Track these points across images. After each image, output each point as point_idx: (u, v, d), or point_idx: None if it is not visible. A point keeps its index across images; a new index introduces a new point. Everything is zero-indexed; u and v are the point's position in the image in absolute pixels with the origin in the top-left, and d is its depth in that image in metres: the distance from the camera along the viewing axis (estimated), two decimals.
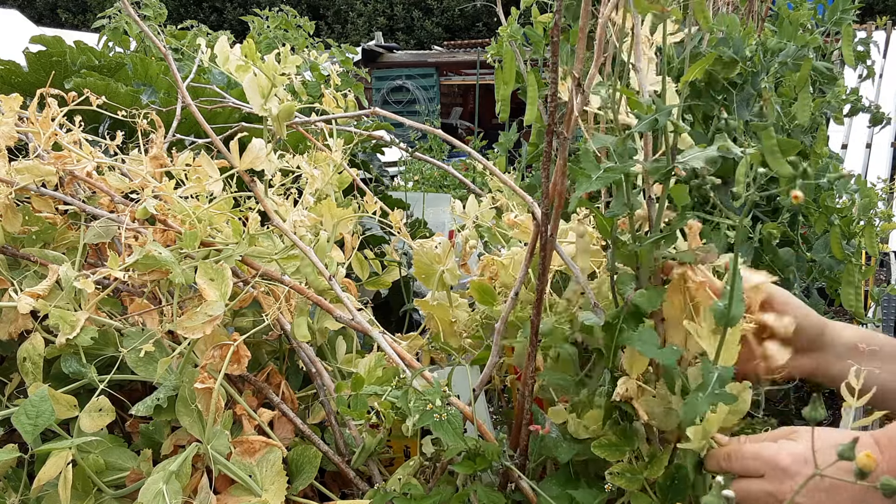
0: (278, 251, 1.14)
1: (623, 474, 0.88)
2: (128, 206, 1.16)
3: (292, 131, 1.63)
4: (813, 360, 0.96)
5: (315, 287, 1.11)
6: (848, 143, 6.14)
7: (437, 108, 13.03)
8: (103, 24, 3.25)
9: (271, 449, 1.03)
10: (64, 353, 1.07)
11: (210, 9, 20.36)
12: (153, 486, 0.93)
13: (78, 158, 1.19)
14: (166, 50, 1.21)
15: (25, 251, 1.17)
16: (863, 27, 4.64)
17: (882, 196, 3.11)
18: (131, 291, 1.15)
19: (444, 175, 5.08)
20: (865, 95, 2.03)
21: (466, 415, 0.99)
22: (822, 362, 0.96)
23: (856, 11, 1.97)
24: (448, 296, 1.24)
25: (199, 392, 0.99)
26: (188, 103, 1.18)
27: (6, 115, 1.17)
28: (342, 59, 3.79)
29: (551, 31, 0.84)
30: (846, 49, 1.99)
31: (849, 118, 1.83)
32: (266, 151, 1.02)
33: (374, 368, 1.06)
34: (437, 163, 1.41)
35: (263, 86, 0.98)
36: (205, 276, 0.98)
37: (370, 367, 1.06)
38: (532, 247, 0.98)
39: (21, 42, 2.22)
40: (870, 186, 1.82)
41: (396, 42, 17.38)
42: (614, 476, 0.88)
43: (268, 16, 3.79)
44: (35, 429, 0.94)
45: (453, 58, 13.88)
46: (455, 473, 1.00)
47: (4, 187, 1.14)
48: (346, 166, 1.41)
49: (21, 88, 1.84)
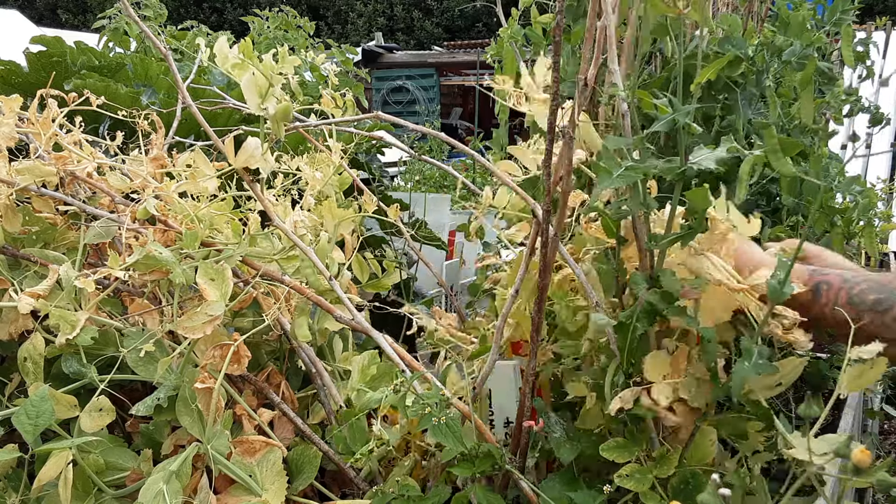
0: (278, 251, 1.14)
1: (632, 476, 0.88)
2: (128, 206, 1.16)
3: (292, 132, 1.63)
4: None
5: (315, 288, 1.11)
6: (848, 143, 6.14)
7: (437, 109, 13.03)
8: (103, 24, 3.25)
9: (271, 449, 1.03)
10: (64, 353, 1.07)
11: (210, 9, 20.36)
12: (153, 486, 0.93)
13: (78, 159, 1.19)
14: (166, 50, 1.21)
15: (26, 251, 1.17)
16: (862, 27, 4.64)
17: (882, 196, 3.11)
18: (132, 291, 1.15)
19: (444, 175, 5.08)
20: (865, 96, 2.03)
21: (465, 414, 0.99)
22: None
23: (855, 12, 1.97)
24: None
25: (200, 392, 0.99)
26: (188, 104, 1.18)
27: (6, 116, 1.17)
28: (342, 60, 3.79)
29: (553, 31, 0.85)
30: (846, 49, 1.99)
31: (848, 119, 1.83)
32: (262, 150, 1.01)
33: (368, 367, 1.06)
34: (438, 164, 1.41)
35: (261, 85, 0.98)
36: (205, 276, 0.99)
37: (363, 366, 1.06)
38: (532, 244, 0.98)
39: (21, 42, 2.22)
40: (869, 186, 1.82)
41: (396, 42, 17.38)
42: (623, 478, 0.88)
43: (268, 16, 3.79)
44: (35, 428, 0.94)
45: (453, 58, 13.88)
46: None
47: (5, 188, 1.14)
48: (347, 167, 1.41)
49: (21, 89, 1.84)
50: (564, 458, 0.93)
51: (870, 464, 0.65)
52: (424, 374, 1.01)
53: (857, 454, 0.64)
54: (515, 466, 0.97)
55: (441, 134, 1.29)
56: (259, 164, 1.02)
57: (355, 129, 1.50)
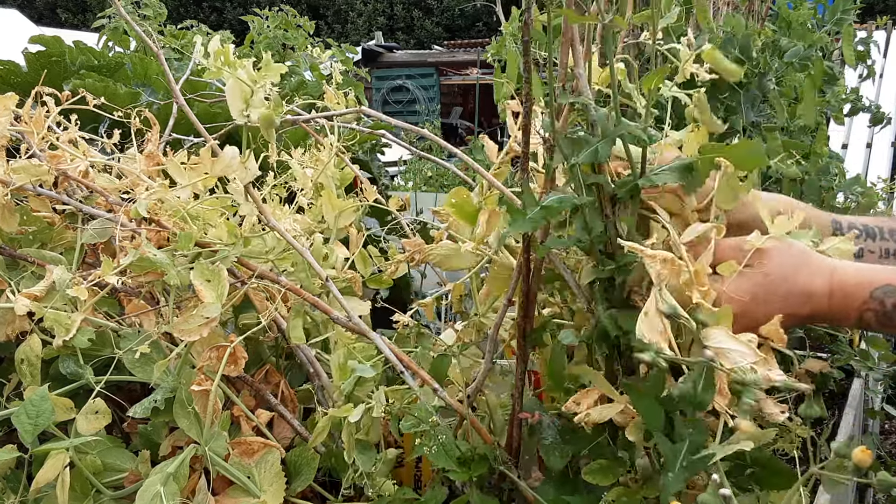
0: (273, 251, 1.13)
1: (619, 500, 0.87)
2: (124, 205, 1.15)
3: (294, 128, 1.62)
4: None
5: (309, 291, 1.10)
6: (848, 142, 6.14)
7: (437, 108, 13.02)
8: (103, 23, 3.24)
9: (270, 450, 1.03)
10: (61, 355, 1.07)
11: (210, 8, 20.36)
12: (151, 488, 0.92)
13: (72, 158, 1.19)
14: (158, 49, 1.20)
15: (22, 252, 1.16)
16: (863, 27, 4.64)
17: (882, 196, 3.10)
18: (128, 292, 1.14)
19: (444, 175, 5.08)
20: (865, 95, 2.03)
21: (461, 413, 0.99)
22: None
23: (856, 11, 1.97)
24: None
25: (196, 394, 0.98)
26: (181, 103, 1.18)
27: (0, 115, 1.16)
28: (342, 59, 3.78)
29: (522, 30, 0.83)
30: (847, 49, 1.98)
31: (849, 118, 1.83)
32: (244, 158, 0.99)
33: (345, 364, 1.05)
34: (441, 161, 1.40)
35: (245, 91, 0.96)
36: (201, 277, 0.98)
37: (340, 364, 1.05)
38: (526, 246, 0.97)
39: (20, 42, 2.22)
40: (870, 186, 1.81)
41: (396, 42, 17.37)
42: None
43: (268, 15, 3.78)
44: (35, 428, 0.94)
45: (453, 58, 13.87)
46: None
47: (1, 187, 1.14)
48: (348, 161, 1.40)
49: (20, 88, 1.84)
50: (554, 466, 0.92)
51: (870, 463, 0.64)
52: (422, 374, 1.01)
53: (858, 454, 0.64)
54: (512, 464, 0.97)
55: (434, 136, 1.29)
56: (237, 173, 1.00)
57: (356, 126, 1.49)
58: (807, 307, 0.81)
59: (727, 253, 0.84)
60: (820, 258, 0.84)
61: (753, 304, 0.81)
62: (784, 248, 0.83)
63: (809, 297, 0.81)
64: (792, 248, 0.84)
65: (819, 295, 0.81)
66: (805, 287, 0.81)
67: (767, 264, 0.82)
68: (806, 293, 0.81)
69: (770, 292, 0.81)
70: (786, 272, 0.82)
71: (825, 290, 0.81)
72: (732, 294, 0.81)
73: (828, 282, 0.81)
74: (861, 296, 0.79)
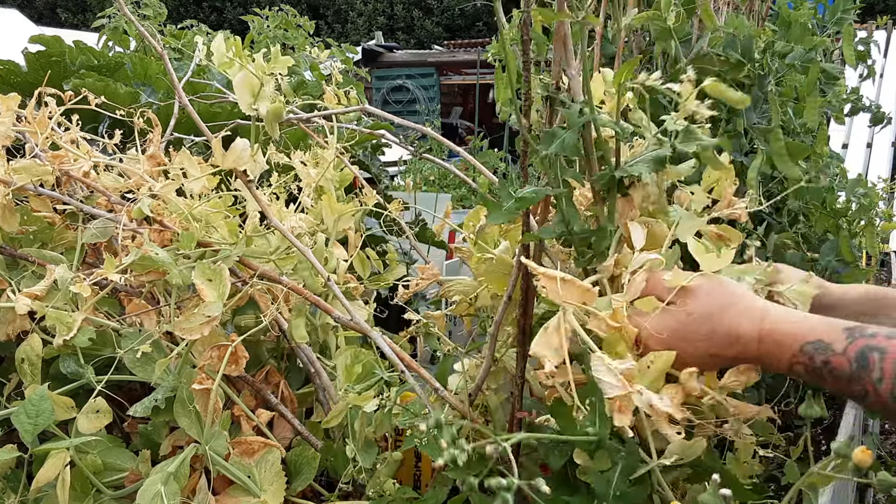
0: (275, 251, 1.13)
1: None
2: (125, 205, 1.15)
3: (294, 128, 1.62)
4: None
5: (311, 289, 1.10)
6: (848, 142, 6.14)
7: (438, 108, 13.01)
8: (103, 23, 3.24)
9: (270, 449, 1.03)
10: (62, 354, 1.07)
11: (210, 8, 20.34)
12: (151, 487, 0.92)
13: (74, 158, 1.19)
14: (162, 49, 1.20)
15: (23, 251, 1.16)
16: (863, 27, 4.64)
17: (882, 196, 3.11)
18: (129, 291, 1.14)
19: (444, 175, 5.08)
20: (866, 95, 2.03)
21: (460, 411, 0.99)
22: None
23: (856, 11, 1.96)
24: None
25: (197, 393, 0.98)
26: (184, 103, 1.18)
27: (3, 115, 1.16)
28: (342, 59, 3.78)
29: (521, 27, 0.83)
30: (847, 49, 1.98)
31: (849, 118, 1.83)
32: (252, 151, 1.00)
33: (353, 365, 1.05)
34: (440, 162, 1.40)
35: (254, 84, 0.97)
36: (202, 276, 0.98)
37: (347, 366, 1.06)
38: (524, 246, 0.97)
39: (20, 42, 2.22)
40: (870, 186, 1.81)
41: (396, 42, 17.35)
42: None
43: (268, 15, 3.78)
44: (35, 428, 0.94)
45: (453, 57, 13.86)
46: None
47: (2, 187, 1.14)
48: (347, 163, 1.40)
49: (20, 88, 1.84)
50: (553, 465, 0.92)
51: (871, 463, 0.64)
52: (423, 374, 1.01)
53: (858, 454, 0.64)
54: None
55: (436, 134, 1.29)
56: (248, 165, 1.00)
57: (356, 126, 1.49)
58: (733, 349, 0.79)
59: (656, 288, 0.83)
60: (752, 300, 0.81)
61: (675, 341, 0.79)
62: (711, 287, 0.81)
63: (736, 338, 0.78)
64: (721, 287, 0.82)
65: (747, 338, 0.78)
66: (730, 328, 0.79)
67: (691, 303, 0.80)
68: (732, 335, 0.78)
69: (692, 331, 0.80)
70: (711, 311, 0.80)
71: (753, 334, 0.78)
72: (653, 330, 0.80)
73: (757, 327, 0.78)
74: (792, 347, 0.75)
